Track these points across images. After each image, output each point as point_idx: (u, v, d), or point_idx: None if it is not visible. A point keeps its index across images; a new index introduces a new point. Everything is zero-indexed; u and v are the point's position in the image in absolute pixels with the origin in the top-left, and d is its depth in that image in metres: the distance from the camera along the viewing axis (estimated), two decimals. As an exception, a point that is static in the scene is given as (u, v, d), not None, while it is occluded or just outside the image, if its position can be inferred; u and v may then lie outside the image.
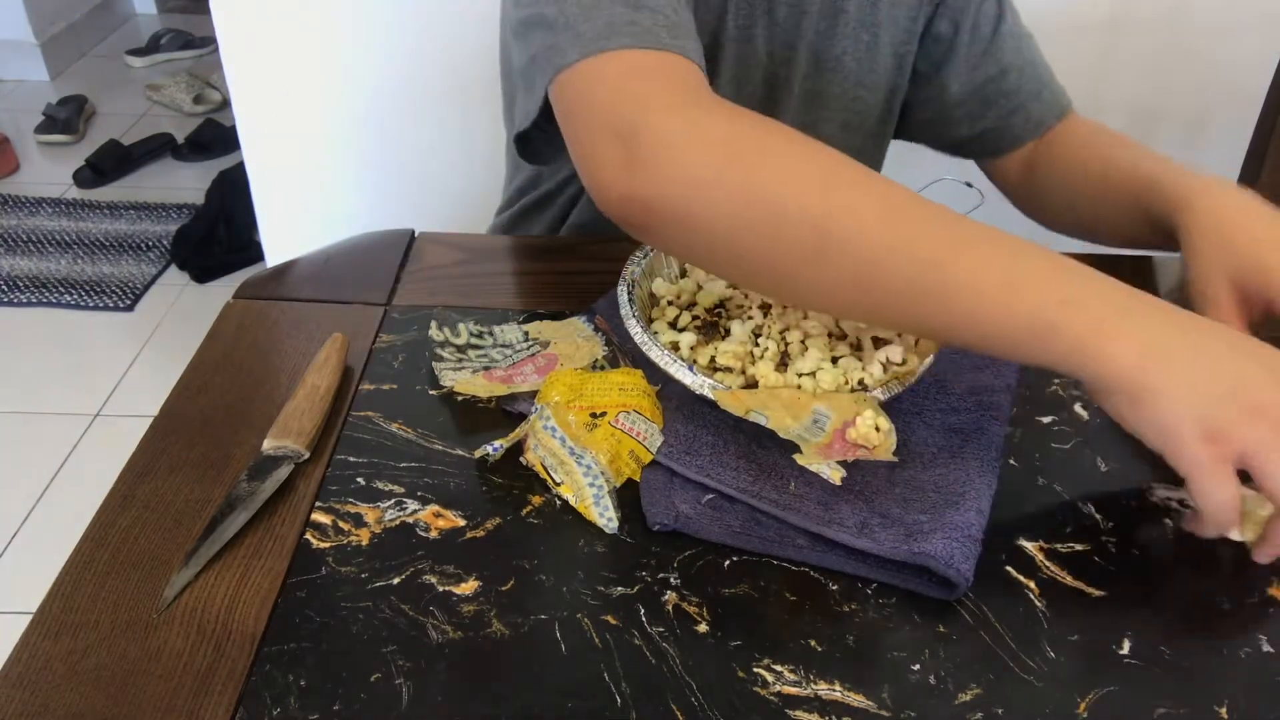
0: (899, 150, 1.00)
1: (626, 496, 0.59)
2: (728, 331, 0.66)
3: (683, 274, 0.73)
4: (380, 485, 0.60)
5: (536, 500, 0.59)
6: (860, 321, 0.63)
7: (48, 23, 3.18)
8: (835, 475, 0.58)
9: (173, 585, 0.54)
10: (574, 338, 0.71)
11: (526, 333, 0.72)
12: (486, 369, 0.69)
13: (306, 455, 0.61)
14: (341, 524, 0.58)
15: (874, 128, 0.95)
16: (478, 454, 0.61)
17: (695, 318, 0.68)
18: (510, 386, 0.66)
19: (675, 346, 0.65)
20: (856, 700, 0.49)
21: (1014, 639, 0.52)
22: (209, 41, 3.24)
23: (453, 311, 0.75)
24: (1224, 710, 0.49)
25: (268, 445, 0.61)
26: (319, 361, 0.67)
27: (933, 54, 0.91)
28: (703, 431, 0.62)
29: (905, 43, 0.90)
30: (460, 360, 0.70)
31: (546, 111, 0.65)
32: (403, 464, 0.62)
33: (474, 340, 0.72)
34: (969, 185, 0.77)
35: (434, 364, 0.69)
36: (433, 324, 0.73)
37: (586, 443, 0.60)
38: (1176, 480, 0.62)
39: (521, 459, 0.61)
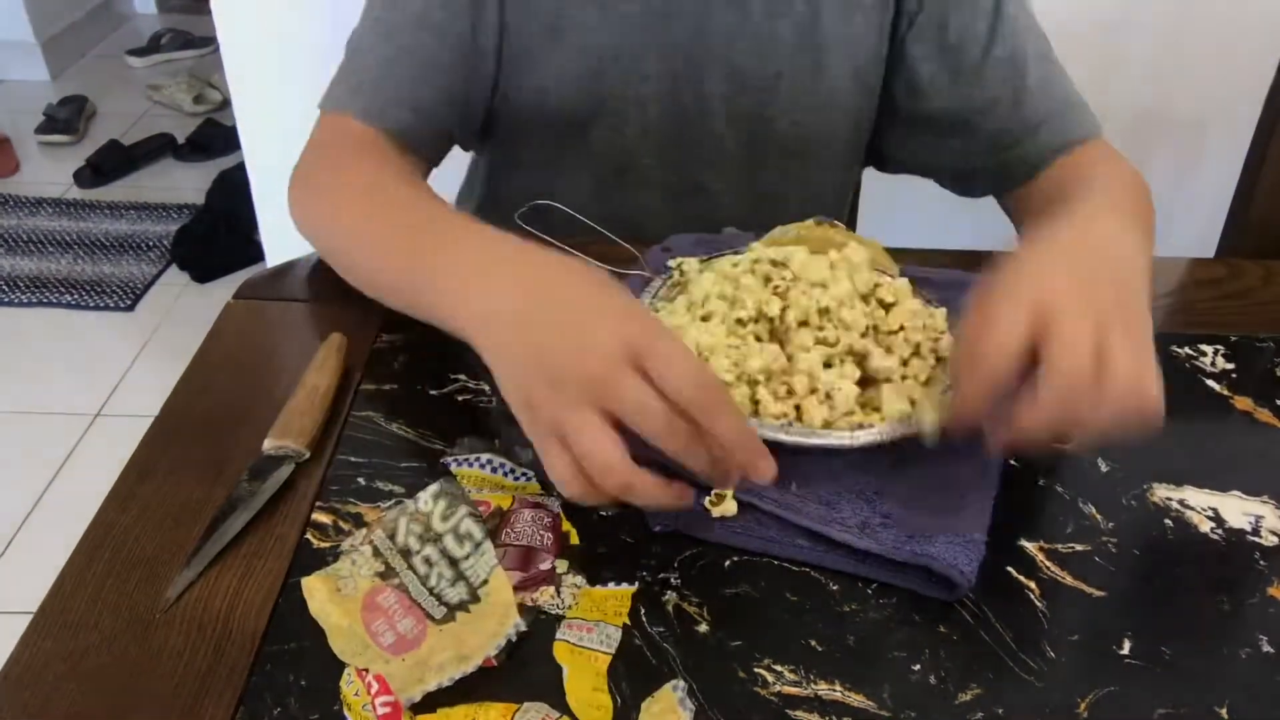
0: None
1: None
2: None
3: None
4: (381, 485, 0.60)
5: (537, 500, 0.59)
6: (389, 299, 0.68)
7: (48, 23, 3.18)
8: None
9: (175, 585, 0.54)
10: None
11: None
12: (382, 577, 0.54)
13: (307, 455, 0.61)
14: (342, 524, 0.58)
15: (833, 156, 0.91)
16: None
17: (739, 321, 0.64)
18: (382, 655, 0.50)
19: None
20: (856, 700, 0.49)
21: (1014, 639, 0.52)
22: (209, 41, 3.23)
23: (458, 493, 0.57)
24: (1224, 710, 0.49)
25: (268, 445, 0.61)
26: (318, 361, 0.67)
27: (911, 80, 0.85)
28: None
29: (869, 64, 0.85)
30: (369, 566, 0.55)
31: None
32: (403, 464, 0.62)
33: (429, 533, 0.56)
34: None
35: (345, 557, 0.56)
36: (430, 492, 0.58)
37: None
38: (1177, 480, 0.62)
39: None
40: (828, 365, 0.62)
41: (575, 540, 0.57)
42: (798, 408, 0.61)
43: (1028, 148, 0.83)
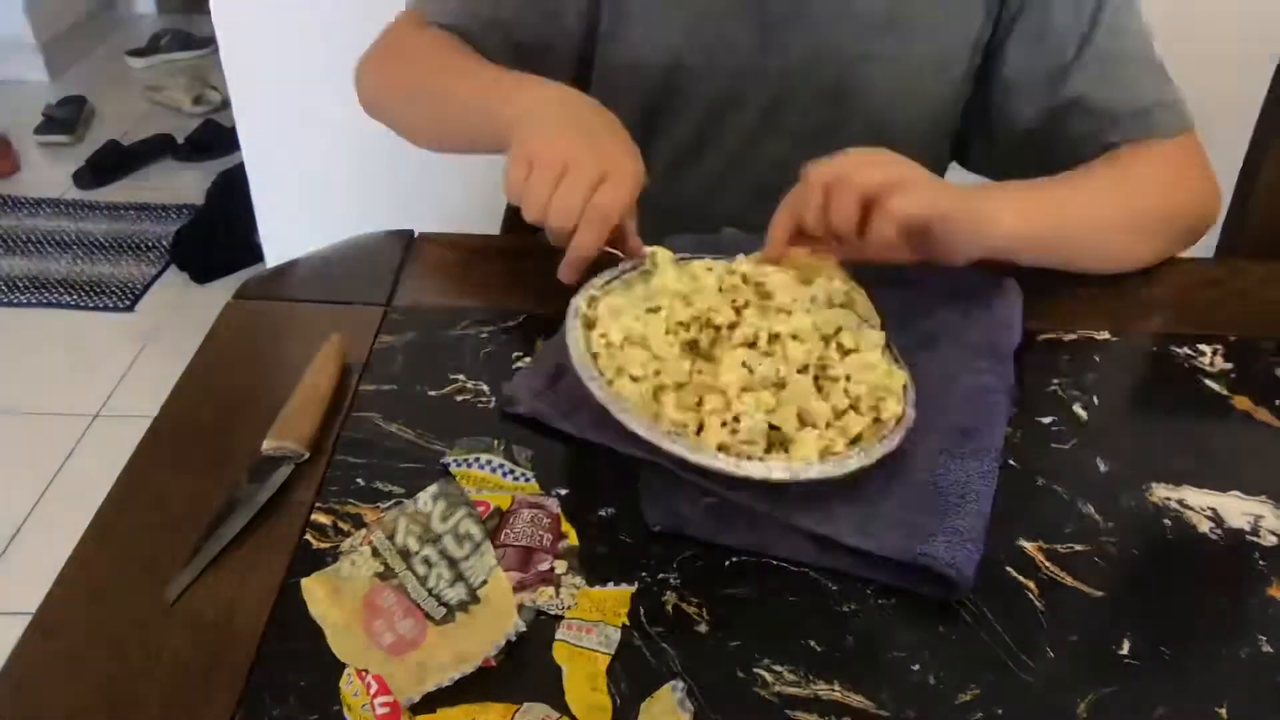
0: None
1: (625, 496, 0.60)
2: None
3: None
4: (380, 485, 0.60)
5: (536, 500, 0.59)
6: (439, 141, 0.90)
7: (48, 23, 3.17)
8: None
9: (174, 586, 0.54)
10: None
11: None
12: (381, 577, 0.54)
13: (306, 455, 0.61)
14: (341, 524, 0.58)
15: (909, 144, 0.86)
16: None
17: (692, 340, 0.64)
18: (382, 656, 0.50)
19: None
20: (856, 700, 0.49)
21: (1014, 639, 0.52)
22: (209, 42, 3.23)
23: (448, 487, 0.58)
24: (1224, 710, 0.49)
25: (267, 446, 0.61)
26: (317, 363, 0.67)
27: (1006, 78, 0.85)
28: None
29: (957, 54, 0.85)
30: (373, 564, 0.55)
31: None
32: (402, 464, 0.62)
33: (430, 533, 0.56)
34: None
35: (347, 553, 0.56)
36: (431, 491, 0.58)
37: None
38: (1176, 480, 0.62)
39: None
40: (748, 390, 0.60)
41: (574, 541, 0.57)
42: (701, 425, 0.59)
43: (1101, 143, 0.82)
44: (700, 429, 0.59)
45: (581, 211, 0.67)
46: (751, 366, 0.61)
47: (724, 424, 0.59)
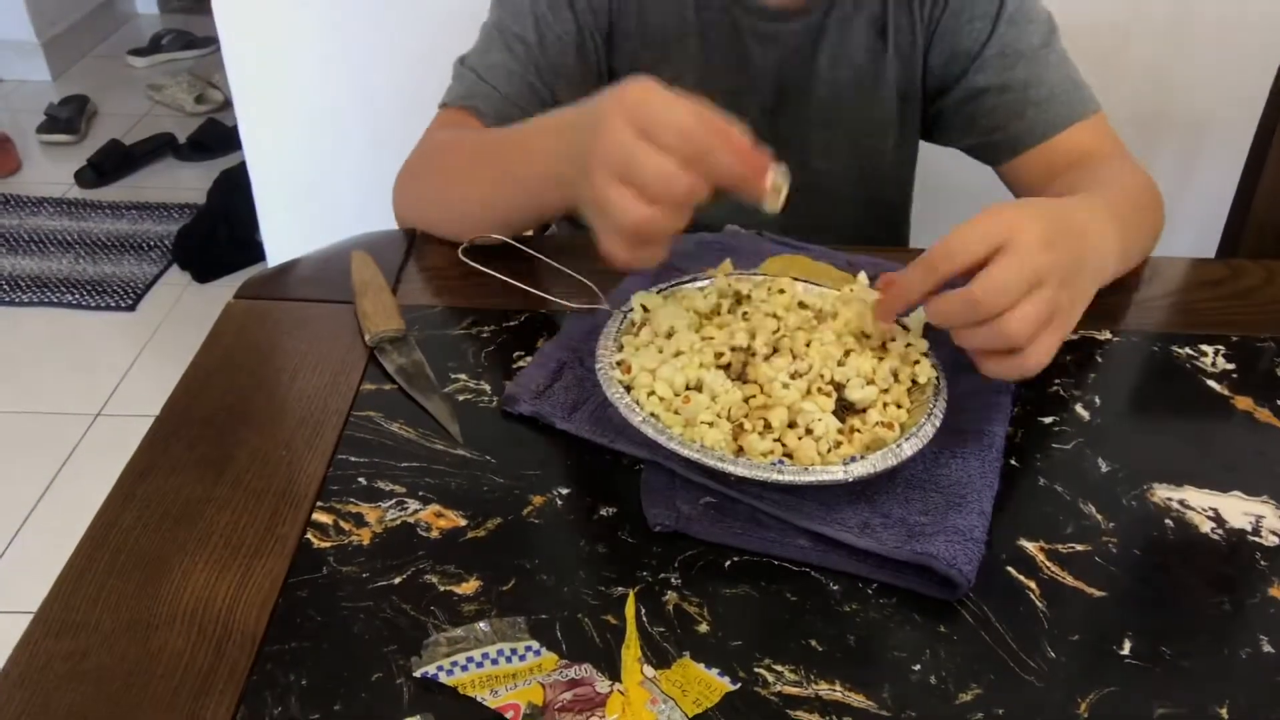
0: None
1: (626, 496, 0.60)
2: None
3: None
4: (381, 485, 0.60)
5: (537, 500, 0.60)
6: (499, 210, 0.80)
7: (49, 23, 3.18)
8: None
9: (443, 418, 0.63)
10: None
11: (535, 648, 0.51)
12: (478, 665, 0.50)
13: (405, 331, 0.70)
14: (343, 524, 0.58)
15: (893, 134, 0.99)
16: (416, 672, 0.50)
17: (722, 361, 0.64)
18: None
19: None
20: (857, 700, 0.49)
21: (1014, 639, 0.52)
22: (211, 41, 3.24)
23: None
24: (1224, 710, 0.49)
25: (370, 338, 0.70)
26: (356, 270, 0.77)
27: (932, 72, 0.94)
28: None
29: (911, 52, 0.93)
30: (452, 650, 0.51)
31: None
32: (404, 464, 0.62)
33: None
34: None
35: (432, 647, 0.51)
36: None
37: None
38: (1177, 480, 0.62)
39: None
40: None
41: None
42: (781, 442, 0.59)
43: (1011, 131, 0.90)
44: (785, 449, 0.59)
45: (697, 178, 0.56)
46: (801, 371, 0.62)
47: (800, 437, 0.59)
